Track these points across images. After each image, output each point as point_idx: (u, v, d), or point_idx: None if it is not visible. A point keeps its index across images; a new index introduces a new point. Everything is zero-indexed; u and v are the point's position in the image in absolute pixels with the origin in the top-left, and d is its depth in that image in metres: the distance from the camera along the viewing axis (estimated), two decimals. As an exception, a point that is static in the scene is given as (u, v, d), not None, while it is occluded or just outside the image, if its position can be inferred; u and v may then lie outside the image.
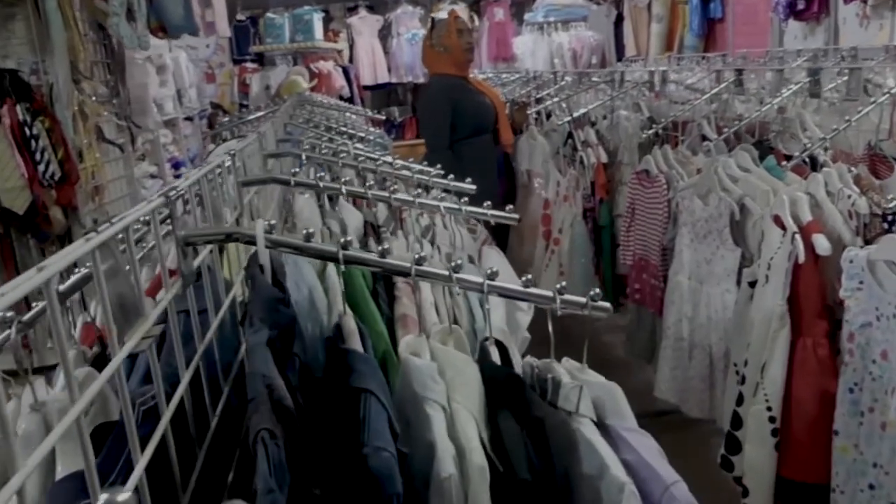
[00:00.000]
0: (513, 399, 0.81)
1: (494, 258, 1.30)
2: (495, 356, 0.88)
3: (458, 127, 3.49)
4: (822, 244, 1.76)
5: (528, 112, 3.84)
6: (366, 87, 8.55)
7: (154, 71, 5.40)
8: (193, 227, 0.81)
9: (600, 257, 3.26)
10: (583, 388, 0.82)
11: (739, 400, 2.01)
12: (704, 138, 2.74)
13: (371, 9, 8.62)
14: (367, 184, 1.56)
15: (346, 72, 7.75)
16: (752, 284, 2.08)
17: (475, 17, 8.27)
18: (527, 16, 8.35)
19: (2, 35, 2.95)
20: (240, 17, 8.73)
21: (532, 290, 0.87)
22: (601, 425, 0.81)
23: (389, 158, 1.78)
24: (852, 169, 1.93)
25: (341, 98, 7.48)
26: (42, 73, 2.99)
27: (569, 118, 3.32)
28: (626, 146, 3.12)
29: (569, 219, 3.25)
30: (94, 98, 3.12)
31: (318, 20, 7.42)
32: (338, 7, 8.95)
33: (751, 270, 2.10)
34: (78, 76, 3.00)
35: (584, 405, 0.81)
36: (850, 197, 1.82)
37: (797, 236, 1.83)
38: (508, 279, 1.33)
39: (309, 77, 7.00)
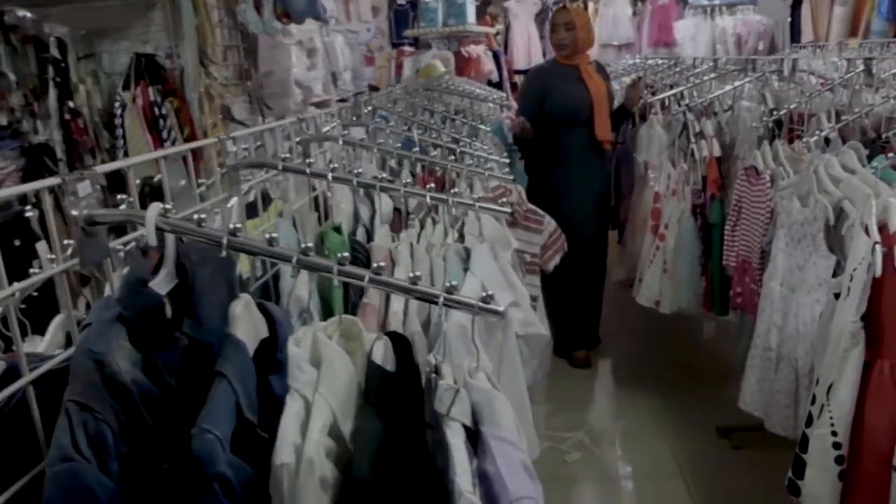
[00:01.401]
0: (385, 397, 0.80)
1: (479, 253, 1.26)
2: (386, 352, 0.87)
3: (549, 114, 3.43)
4: (902, 257, 1.57)
5: (642, 92, 3.73)
6: (517, 72, 8.51)
7: (303, 54, 5.68)
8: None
9: (709, 257, 3.07)
10: (459, 391, 0.79)
11: (808, 420, 1.83)
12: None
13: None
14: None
15: (496, 56, 7.74)
16: (838, 297, 1.89)
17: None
18: (691, -1, 7.94)
19: (143, 22, 3.24)
20: (400, 1, 8.97)
21: (418, 286, 0.85)
22: (474, 431, 0.79)
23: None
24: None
25: (489, 82, 7.49)
26: (175, 57, 3.25)
27: (684, 107, 3.14)
28: (745, 139, 2.91)
29: (676, 214, 3.09)
30: (219, 81, 3.34)
31: (471, 4, 7.45)
32: (496, -9, 8.96)
33: (837, 281, 1.90)
34: (206, 60, 3.24)
35: (456, 409, 0.79)
36: (947, 206, 1.60)
37: (878, 247, 1.64)
38: (489, 275, 1.30)
39: (456, 61, 7.07)
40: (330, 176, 1.28)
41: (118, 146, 3.26)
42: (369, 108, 2.48)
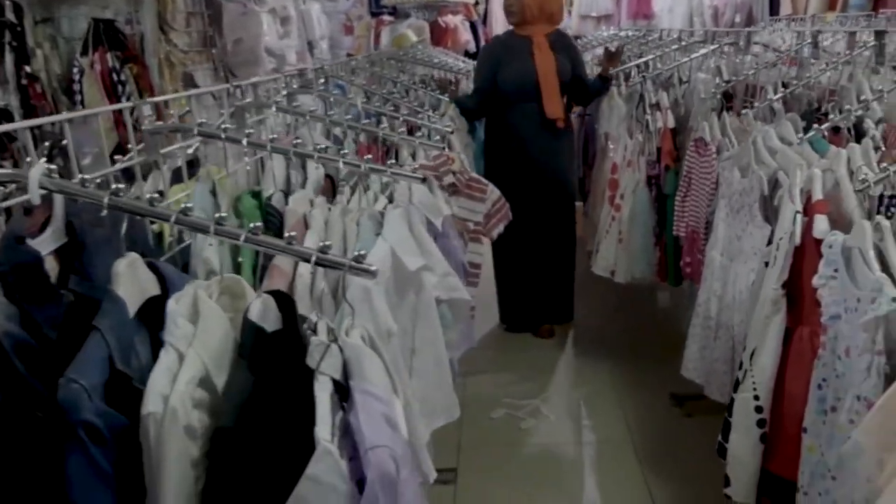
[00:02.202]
0: (259, 352, 0.83)
1: (392, 219, 1.29)
2: (267, 310, 0.89)
3: (501, 89, 3.41)
4: (819, 226, 1.60)
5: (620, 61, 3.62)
6: (496, 42, 8.46)
7: (275, 22, 5.62)
8: None
9: (663, 228, 3.11)
10: (329, 347, 0.82)
11: (735, 385, 1.88)
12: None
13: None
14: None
15: (473, 26, 7.71)
16: (768, 265, 1.93)
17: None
18: (669, -30, 7.90)
19: (102, -13, 3.22)
20: (380, -31, 8.87)
21: (294, 246, 0.87)
22: (344, 385, 0.82)
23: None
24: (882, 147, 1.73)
25: (466, 53, 7.46)
26: (135, 23, 3.23)
27: (640, 78, 3.15)
28: (698, 111, 2.93)
29: (631, 185, 3.12)
30: (180, 48, 3.33)
31: (448, -27, 7.42)
32: (477, -40, 8.87)
33: (768, 250, 1.95)
34: (166, 26, 3.22)
35: (326, 363, 0.81)
36: (864, 176, 1.63)
37: (798, 216, 1.68)
38: (400, 240, 1.32)
39: (433, 31, 7.04)
40: (245, 141, 1.30)
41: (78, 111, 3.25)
42: (323, 76, 2.48)
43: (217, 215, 0.88)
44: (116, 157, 1.34)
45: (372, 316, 1.15)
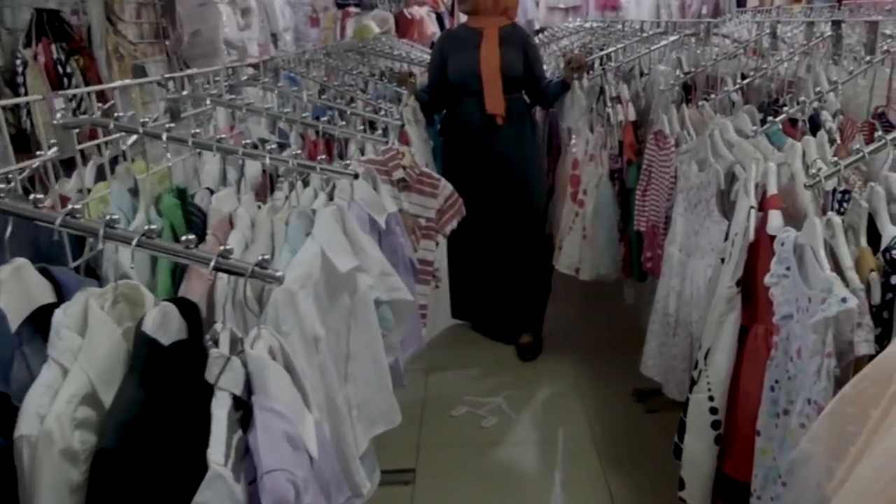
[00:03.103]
0: (152, 366, 0.76)
1: (322, 218, 1.21)
2: (168, 320, 0.82)
3: (448, 79, 3.34)
4: (773, 222, 1.56)
5: (581, 64, 3.30)
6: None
7: (235, 13, 5.51)
8: None
9: (627, 223, 3.06)
10: (229, 360, 0.75)
11: (691, 385, 1.84)
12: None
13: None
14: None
15: (440, 18, 7.62)
16: (724, 261, 1.89)
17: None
18: (637, -39, 7.87)
19: (44, -25, 3.09)
20: (346, -40, 8.75)
21: (191, 250, 0.80)
22: (245, 400, 0.75)
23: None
24: (837, 139, 1.69)
25: (432, 44, 7.38)
26: (81, 13, 3.12)
27: (600, 72, 3.10)
28: (658, 103, 2.89)
29: (594, 180, 3.07)
30: (129, 39, 3.21)
31: (414, -36, 7.32)
32: (444, -49, 8.77)
33: (724, 246, 1.90)
34: (113, 17, 3.10)
35: (225, 378, 0.75)
36: (819, 171, 1.59)
37: (752, 211, 1.64)
38: (330, 239, 1.25)
39: (399, 22, 6.94)
40: (164, 136, 1.22)
41: (21, 105, 3.13)
42: (272, 68, 2.39)
43: (107, 217, 0.81)
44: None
45: (297, 321, 1.08)
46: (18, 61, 3.07)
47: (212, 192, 1.30)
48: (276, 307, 1.05)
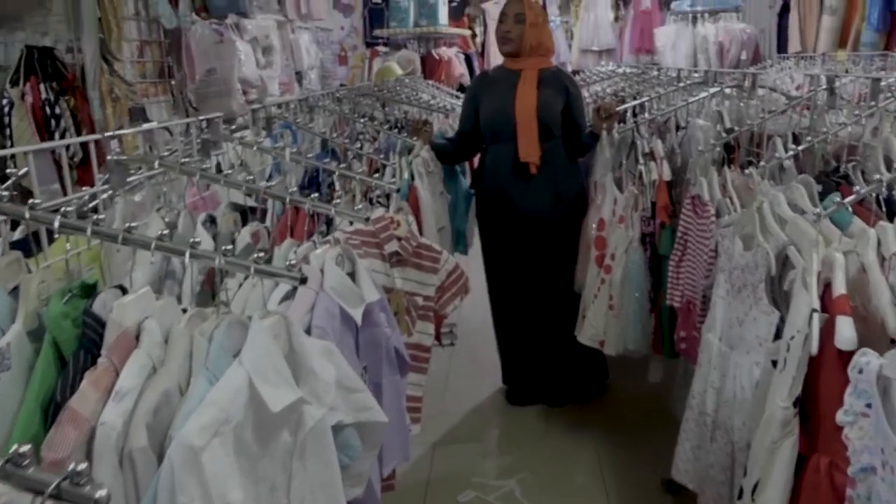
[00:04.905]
0: None
1: (256, 333, 0.93)
2: None
3: (481, 124, 3.08)
4: (843, 333, 1.24)
5: (612, 112, 2.97)
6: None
7: (255, 51, 5.34)
8: None
9: (658, 292, 2.74)
10: None
11: (734, 518, 1.51)
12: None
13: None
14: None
15: (468, 59, 7.42)
16: (777, 365, 1.57)
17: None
18: (673, 4, 7.62)
19: (40, 11, 2.90)
20: (376, -1, 8.63)
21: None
22: None
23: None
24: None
25: (461, 86, 7.16)
26: (76, 51, 2.92)
27: (632, 125, 2.81)
28: (696, 162, 2.58)
29: (623, 244, 2.76)
30: (127, 79, 3.00)
31: (443, 5, 7.13)
32: (475, -9, 8.64)
33: (776, 346, 1.58)
34: (109, 56, 2.90)
35: None
36: (902, 270, 1.28)
37: (816, 315, 1.32)
38: (264, 364, 0.97)
39: (427, 63, 6.75)
40: (57, 223, 0.94)
41: (7, 146, 2.92)
42: (263, 117, 2.14)
43: None
44: None
45: (202, 489, 0.79)
46: (5, 101, 2.87)
47: (124, 290, 1.02)
48: (173, 471, 0.77)
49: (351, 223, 1.73)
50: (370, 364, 1.44)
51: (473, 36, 8.39)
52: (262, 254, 1.00)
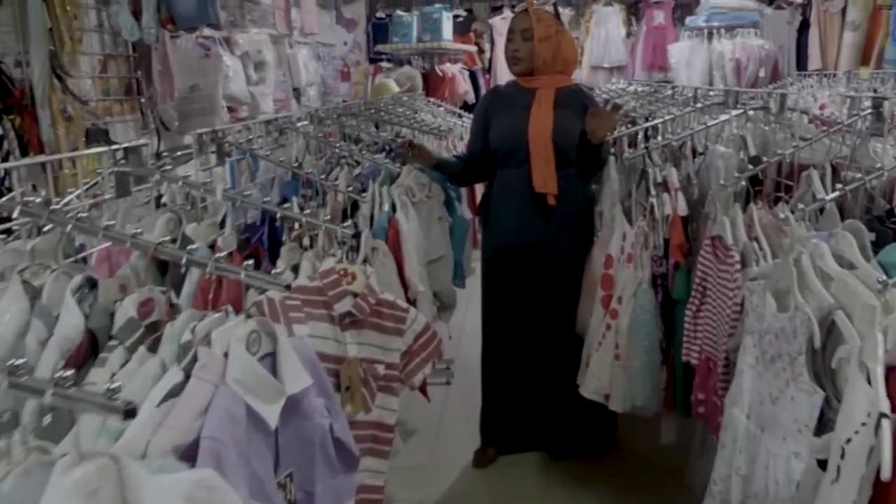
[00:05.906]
0: None
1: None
2: None
3: (490, 147, 2.76)
4: (926, 452, 0.91)
5: (612, 122, 2.62)
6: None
7: (245, 67, 5.10)
8: None
9: (671, 341, 2.41)
10: None
11: None
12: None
13: (515, 9, 7.96)
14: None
15: (473, 76, 7.13)
16: (824, 466, 1.23)
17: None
18: (688, 19, 7.31)
19: (-12, 22, 2.62)
20: (380, 14, 8.40)
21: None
22: None
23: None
24: None
25: (465, 104, 6.87)
26: (25, 65, 2.63)
27: (642, 150, 2.48)
28: (717, 195, 2.25)
29: (631, 286, 2.43)
30: (78, 97, 2.71)
31: (447, 20, 6.85)
32: (482, 7, 8.37)
33: (824, 442, 1.25)
34: (60, 72, 2.61)
35: None
36: None
37: (886, 422, 0.99)
38: None
39: (430, 80, 6.46)
40: None
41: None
42: (214, 144, 1.84)
43: None
44: None
45: None
46: (-60, 118, 2.59)
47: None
48: None
49: (295, 271, 1.42)
50: (298, 469, 1.12)
51: (480, 52, 8.11)
52: (71, 372, 0.68)
